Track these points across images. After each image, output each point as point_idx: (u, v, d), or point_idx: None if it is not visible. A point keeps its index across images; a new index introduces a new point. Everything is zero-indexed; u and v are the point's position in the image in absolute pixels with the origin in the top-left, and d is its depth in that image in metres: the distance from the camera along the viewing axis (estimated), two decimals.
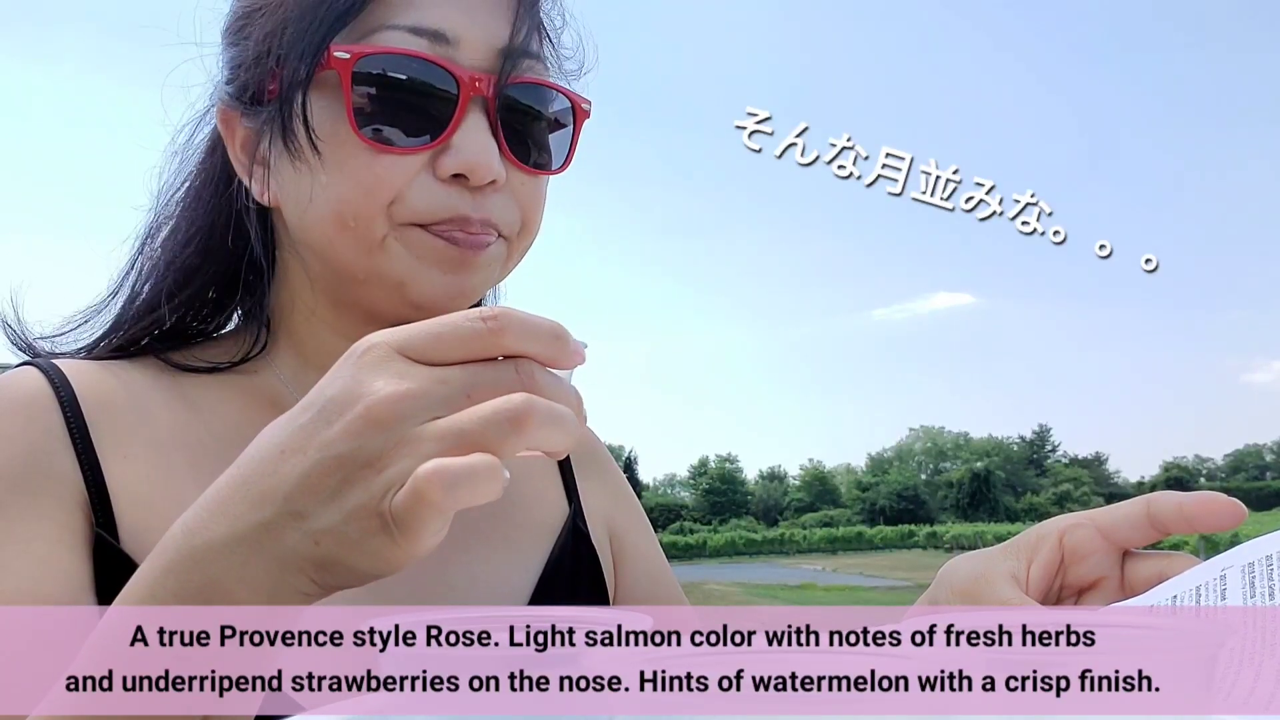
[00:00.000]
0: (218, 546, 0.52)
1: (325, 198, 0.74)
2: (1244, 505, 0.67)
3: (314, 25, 0.72)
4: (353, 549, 0.50)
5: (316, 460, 0.50)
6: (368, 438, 0.50)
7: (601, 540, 0.94)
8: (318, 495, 0.50)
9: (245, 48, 0.78)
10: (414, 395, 0.50)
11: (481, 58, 0.74)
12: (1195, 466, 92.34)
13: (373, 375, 0.51)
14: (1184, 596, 0.61)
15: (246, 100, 0.78)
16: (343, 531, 0.50)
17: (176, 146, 0.86)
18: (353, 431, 0.50)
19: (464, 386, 0.51)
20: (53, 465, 0.71)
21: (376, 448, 0.50)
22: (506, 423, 0.49)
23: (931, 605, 0.74)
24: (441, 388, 0.51)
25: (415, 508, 0.48)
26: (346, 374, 0.52)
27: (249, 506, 0.52)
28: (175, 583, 0.53)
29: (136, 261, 0.85)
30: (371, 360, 0.52)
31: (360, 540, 0.50)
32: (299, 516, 0.51)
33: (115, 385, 0.78)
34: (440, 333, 0.52)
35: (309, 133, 0.73)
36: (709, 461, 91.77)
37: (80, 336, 0.83)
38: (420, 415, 0.50)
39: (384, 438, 0.50)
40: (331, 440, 0.50)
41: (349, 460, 0.50)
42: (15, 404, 0.73)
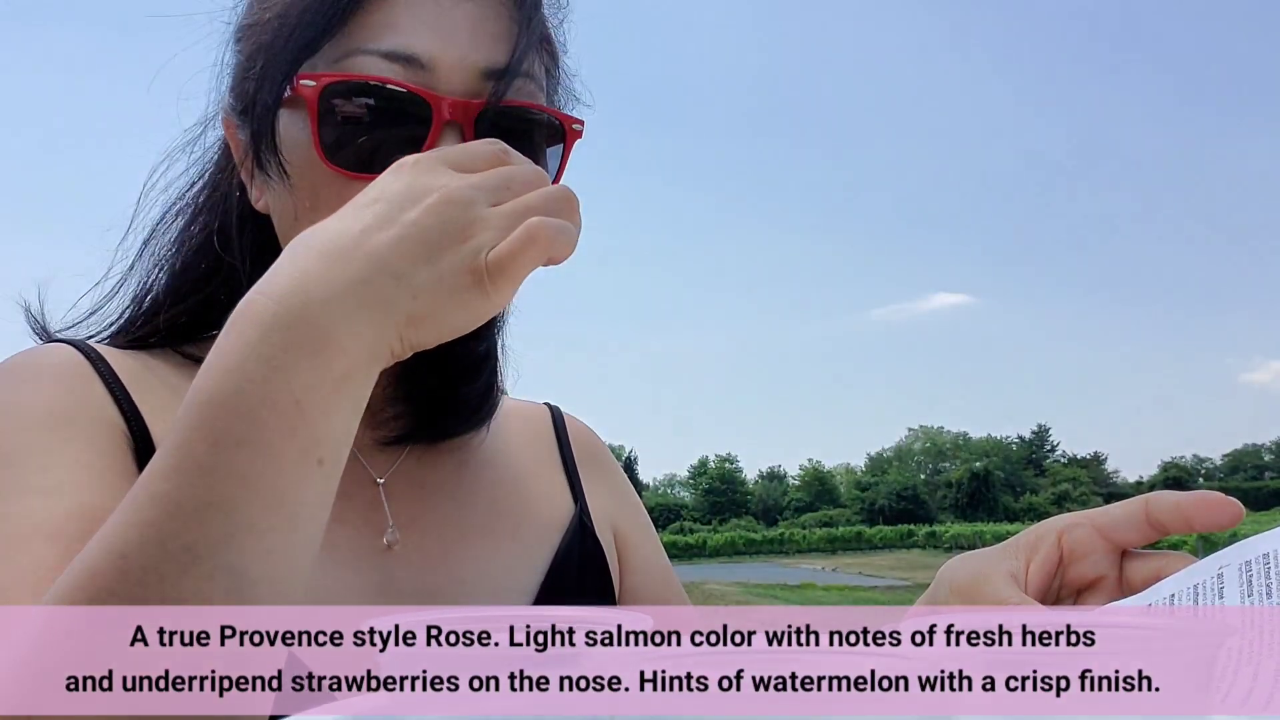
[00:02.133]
0: (325, 301, 0.58)
1: (305, 221, 0.74)
2: (1242, 505, 0.67)
3: (285, 51, 0.72)
4: (448, 300, 0.60)
5: (406, 233, 0.60)
6: (450, 215, 0.60)
7: (606, 539, 0.94)
8: (414, 259, 0.59)
9: (240, 61, 0.79)
10: (476, 185, 0.62)
11: (460, 81, 0.73)
12: (1194, 466, 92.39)
13: (433, 176, 0.63)
14: (1182, 595, 0.62)
15: (240, 111, 0.78)
16: (439, 287, 0.60)
17: (186, 144, 0.86)
18: (435, 210, 0.60)
19: (504, 180, 0.64)
20: (100, 411, 0.74)
21: (461, 221, 0.60)
22: (562, 200, 0.64)
23: (931, 605, 0.74)
24: (491, 179, 0.64)
25: (521, 253, 0.60)
26: (406, 176, 0.63)
27: (344, 270, 0.59)
28: (281, 338, 0.56)
29: (144, 255, 0.85)
30: (425, 167, 0.63)
31: (455, 293, 0.60)
32: (398, 276, 0.59)
33: (142, 367, 0.79)
34: (472, 153, 0.66)
35: (279, 158, 0.74)
36: (709, 461, 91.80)
37: (91, 328, 0.84)
38: (483, 200, 0.62)
39: (463, 214, 0.61)
40: (417, 218, 0.60)
41: (437, 230, 0.60)
42: (55, 365, 0.75)
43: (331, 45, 0.72)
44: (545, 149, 0.79)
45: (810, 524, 78.13)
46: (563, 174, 0.80)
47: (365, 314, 0.58)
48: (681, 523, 79.18)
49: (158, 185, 0.86)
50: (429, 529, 0.83)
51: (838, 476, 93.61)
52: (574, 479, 0.95)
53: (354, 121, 0.72)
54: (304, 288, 0.58)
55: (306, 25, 0.72)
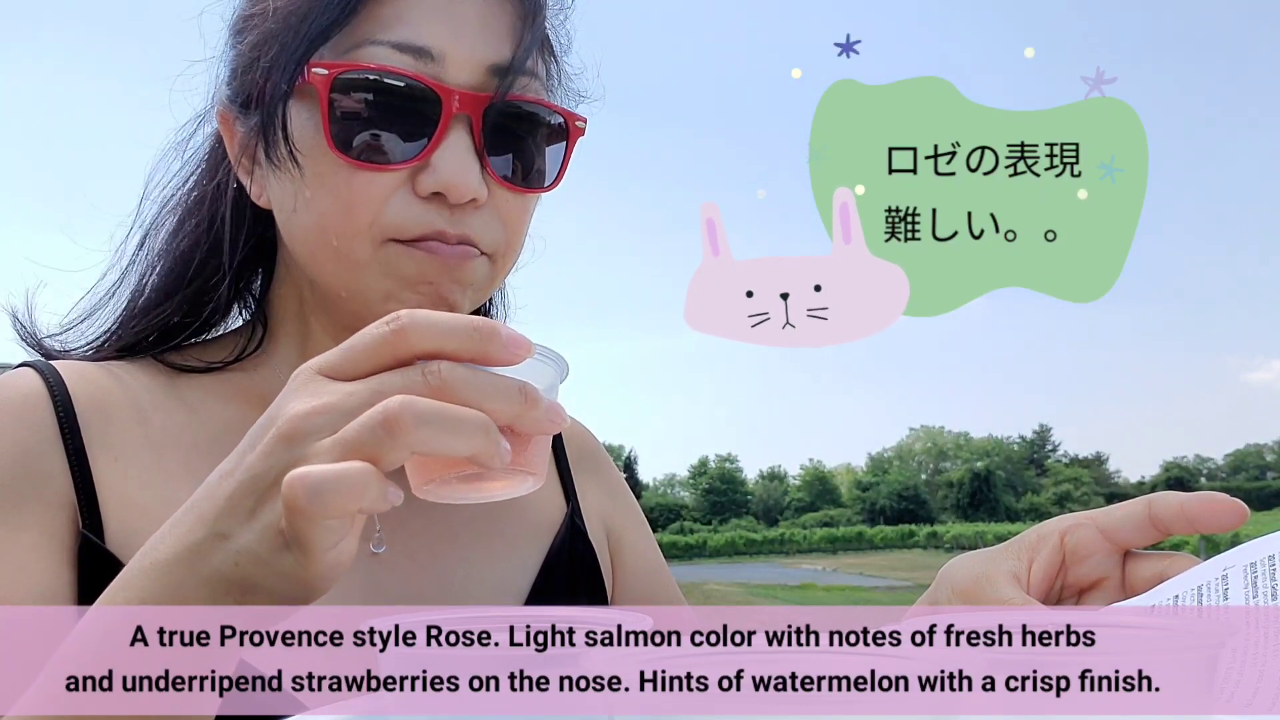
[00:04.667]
0: (159, 566, 0.53)
1: (308, 210, 0.74)
2: (1245, 505, 0.67)
3: (297, 39, 0.72)
4: (266, 568, 0.51)
5: (240, 481, 0.52)
6: (278, 456, 0.51)
7: (599, 539, 0.94)
8: (238, 515, 0.52)
9: (241, 52, 0.78)
10: (320, 410, 0.51)
11: (469, 75, 0.73)
12: (1196, 466, 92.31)
13: (290, 398, 0.53)
14: (1185, 596, 0.61)
15: (240, 104, 0.78)
16: (256, 550, 0.51)
17: (179, 143, 0.86)
18: (266, 451, 0.52)
19: (370, 395, 0.51)
20: (40, 466, 0.72)
21: (285, 464, 0.50)
22: (379, 426, 0.49)
23: (932, 605, 0.74)
24: (349, 399, 0.51)
25: (290, 518, 0.49)
26: (276, 401, 0.54)
27: (187, 528, 0.53)
28: (124, 597, 0.54)
29: (137, 257, 0.85)
30: (295, 385, 0.54)
31: (271, 558, 0.51)
32: (223, 537, 0.52)
33: (111, 386, 0.78)
34: (353, 345, 0.53)
35: (289, 146, 0.73)
36: (709, 461, 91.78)
37: (86, 332, 0.84)
38: (327, 429, 0.51)
39: (291, 454, 0.51)
40: (251, 463, 0.52)
41: (261, 479, 0.51)
42: (8, 404, 0.74)
43: (340, 36, 0.72)
44: (546, 146, 0.79)
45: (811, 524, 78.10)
46: (565, 170, 0.81)
47: (191, 584, 0.52)
48: (681, 523, 79.16)
49: (157, 184, 0.86)
50: (417, 533, 0.83)
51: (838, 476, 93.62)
52: (567, 479, 0.95)
53: (364, 111, 0.72)
54: (155, 546, 0.55)
55: (319, 14, 0.72)
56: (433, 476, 0.56)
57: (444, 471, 0.56)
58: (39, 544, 0.69)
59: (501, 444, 0.52)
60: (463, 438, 0.50)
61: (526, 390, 0.53)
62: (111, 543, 0.71)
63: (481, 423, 0.51)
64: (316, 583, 0.52)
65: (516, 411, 0.53)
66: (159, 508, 0.68)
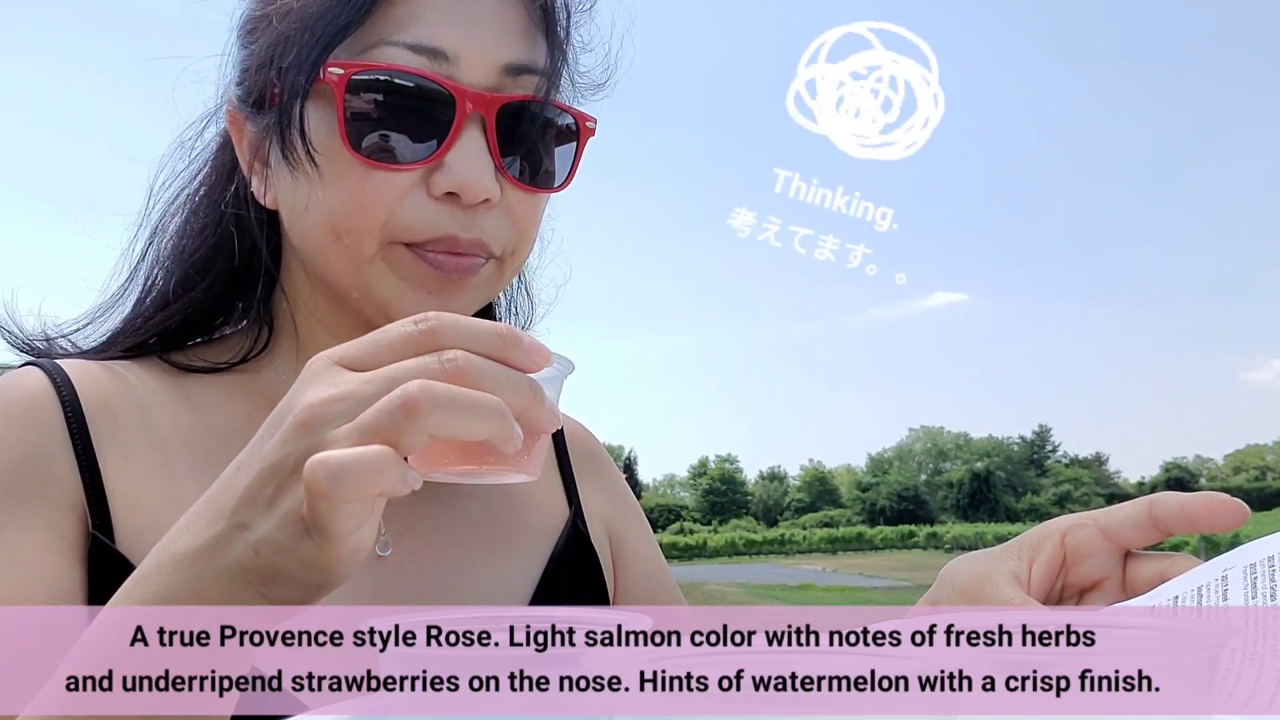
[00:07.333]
0: (179, 560, 0.54)
1: (320, 209, 0.74)
2: (1246, 505, 0.67)
3: (313, 39, 0.72)
4: (287, 556, 0.51)
5: (258, 471, 0.52)
6: (296, 443, 0.51)
7: (601, 541, 0.94)
8: (257, 505, 0.52)
9: (252, 52, 0.78)
10: (337, 399, 0.51)
11: (483, 75, 0.74)
12: (1196, 467, 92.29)
13: (306, 387, 0.53)
14: (1185, 597, 0.61)
15: (252, 104, 0.78)
16: (277, 538, 0.51)
17: (186, 142, 0.86)
18: (284, 439, 0.52)
19: (386, 383, 0.51)
20: (49, 468, 0.72)
21: (304, 451, 0.51)
22: (398, 410, 0.49)
23: (933, 605, 0.74)
24: (366, 387, 0.52)
25: (311, 503, 0.49)
26: (291, 390, 0.54)
27: (206, 522, 0.53)
28: (141, 593, 0.54)
29: (147, 254, 0.85)
30: (311, 374, 0.54)
31: (292, 546, 0.51)
32: (243, 528, 0.52)
33: (118, 386, 0.78)
34: (377, 340, 0.54)
35: (306, 145, 0.73)
36: (709, 462, 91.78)
37: (93, 333, 0.84)
38: (344, 416, 0.51)
39: (308, 442, 0.51)
40: (269, 451, 0.52)
41: (280, 467, 0.52)
42: (15, 404, 0.74)
43: (355, 37, 0.73)
44: (557, 147, 0.80)
45: (811, 525, 78.13)
46: (576, 170, 0.81)
47: (212, 576, 0.52)
48: (681, 523, 79.16)
49: (163, 184, 0.86)
50: (422, 536, 0.83)
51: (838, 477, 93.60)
52: (569, 482, 0.95)
53: (378, 111, 0.72)
54: (172, 541, 0.55)
55: (334, 15, 0.72)
56: (444, 465, 0.57)
57: (457, 461, 0.56)
58: (48, 544, 0.69)
59: (516, 428, 0.53)
60: (480, 420, 0.51)
61: (535, 386, 0.55)
62: (121, 544, 0.71)
63: (497, 406, 0.52)
64: (337, 568, 0.52)
65: (525, 404, 0.54)
66: (167, 508, 0.69)
